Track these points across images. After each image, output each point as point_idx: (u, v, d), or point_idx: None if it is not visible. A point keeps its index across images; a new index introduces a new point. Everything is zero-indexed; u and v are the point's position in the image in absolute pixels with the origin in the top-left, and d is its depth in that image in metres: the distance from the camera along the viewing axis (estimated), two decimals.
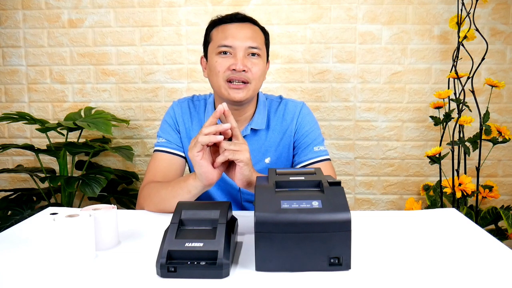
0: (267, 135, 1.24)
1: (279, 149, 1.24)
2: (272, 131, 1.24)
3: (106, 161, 2.08)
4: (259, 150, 1.23)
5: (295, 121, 1.25)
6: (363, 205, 2.04)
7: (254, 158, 1.22)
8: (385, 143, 1.99)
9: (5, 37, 2.02)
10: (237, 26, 1.17)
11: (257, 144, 1.23)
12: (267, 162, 1.23)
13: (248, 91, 1.15)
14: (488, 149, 1.90)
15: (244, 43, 1.14)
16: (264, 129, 1.23)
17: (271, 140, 1.24)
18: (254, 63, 1.15)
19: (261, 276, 0.72)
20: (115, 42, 1.99)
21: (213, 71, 1.16)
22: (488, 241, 0.88)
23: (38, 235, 0.94)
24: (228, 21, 1.18)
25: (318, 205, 0.73)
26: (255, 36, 1.17)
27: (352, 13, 1.92)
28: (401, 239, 0.89)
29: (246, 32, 1.15)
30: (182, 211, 0.80)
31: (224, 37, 1.15)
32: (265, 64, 1.21)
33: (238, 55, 1.14)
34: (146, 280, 0.71)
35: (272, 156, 1.24)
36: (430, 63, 1.93)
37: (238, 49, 1.14)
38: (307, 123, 1.26)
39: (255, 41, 1.15)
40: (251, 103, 1.23)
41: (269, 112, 1.26)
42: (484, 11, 1.88)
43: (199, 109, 1.28)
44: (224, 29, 1.16)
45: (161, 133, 1.26)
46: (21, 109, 2.05)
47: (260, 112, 1.24)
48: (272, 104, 1.28)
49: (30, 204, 1.78)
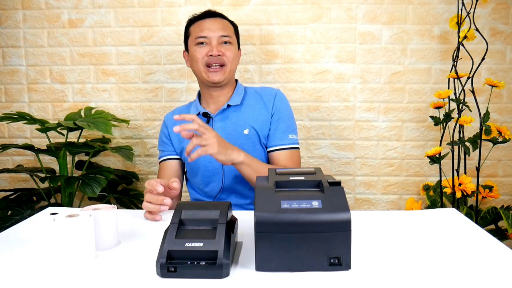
0: (243, 109, 1.42)
1: (256, 121, 1.40)
2: (247, 106, 1.43)
3: (106, 161, 2.08)
4: (238, 123, 1.40)
5: (272, 101, 1.43)
6: (363, 205, 2.04)
7: (234, 130, 1.39)
8: (385, 143, 1.99)
9: (5, 37, 2.02)
10: (210, 20, 1.40)
11: (235, 118, 1.41)
12: (246, 133, 1.39)
13: (225, 72, 1.38)
14: (488, 149, 1.90)
15: (217, 33, 1.38)
16: (239, 104, 1.42)
17: (247, 114, 1.41)
18: (227, 49, 1.38)
19: (261, 276, 0.72)
20: (115, 42, 1.99)
21: (193, 59, 1.40)
22: (488, 241, 0.88)
23: (38, 235, 0.94)
24: (203, 17, 1.42)
25: (318, 205, 0.73)
26: (226, 27, 1.41)
27: (352, 13, 1.92)
28: (401, 239, 0.89)
29: (218, 25, 1.40)
30: (182, 211, 0.80)
31: (200, 30, 1.39)
32: (236, 50, 1.44)
33: (213, 43, 1.37)
34: (146, 280, 0.71)
35: (250, 128, 1.39)
36: (430, 63, 1.93)
37: (213, 38, 1.38)
38: (285, 109, 1.44)
39: (226, 31, 1.40)
40: (230, 85, 1.45)
41: (245, 93, 1.47)
42: (484, 11, 1.88)
43: (186, 108, 1.53)
44: (200, 24, 1.41)
45: (158, 147, 1.53)
46: (21, 109, 2.05)
47: (237, 93, 1.45)
48: (250, 89, 1.50)
49: (30, 204, 1.78)
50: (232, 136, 1.38)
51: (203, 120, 1.40)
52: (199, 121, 1.11)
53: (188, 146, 1.10)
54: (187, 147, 1.10)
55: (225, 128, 1.40)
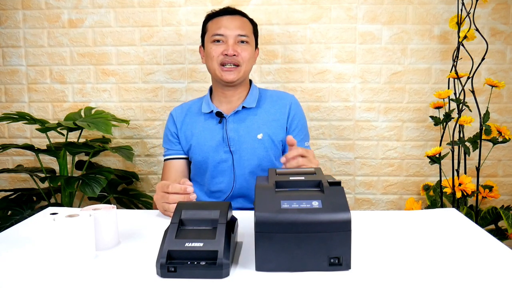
0: (258, 113, 1.40)
1: (271, 127, 1.39)
2: (262, 110, 1.41)
3: (106, 161, 2.08)
4: (252, 127, 1.38)
5: (287, 107, 1.41)
6: (363, 205, 2.04)
7: (248, 134, 1.37)
8: (385, 143, 1.99)
9: (5, 37, 2.02)
10: (228, 18, 1.37)
11: (250, 121, 1.39)
12: (260, 138, 1.37)
13: (239, 72, 1.36)
14: (488, 149, 1.90)
15: (234, 31, 1.35)
16: (254, 107, 1.40)
17: (262, 118, 1.40)
18: (243, 49, 1.36)
19: (261, 276, 0.72)
20: (115, 42, 1.99)
21: (208, 56, 1.37)
22: (488, 241, 0.88)
23: (38, 235, 0.94)
24: (221, 14, 1.39)
25: (318, 205, 0.73)
26: (244, 26, 1.37)
27: (352, 13, 1.92)
28: (401, 239, 0.89)
29: (236, 23, 1.36)
30: (182, 211, 0.80)
31: (218, 27, 1.36)
32: (253, 50, 1.42)
33: (229, 42, 1.34)
34: (146, 280, 0.71)
35: (263, 132, 1.38)
36: (430, 63, 1.93)
37: (229, 37, 1.35)
38: (301, 117, 1.44)
39: (243, 30, 1.36)
40: (244, 85, 1.43)
41: (260, 96, 1.45)
42: (484, 11, 1.88)
43: (195, 104, 1.48)
44: (218, 21, 1.37)
45: (163, 143, 1.49)
46: (21, 109, 2.05)
47: (252, 94, 1.43)
48: (264, 92, 1.48)
49: (30, 204, 1.78)
50: (245, 140, 1.36)
51: (215, 120, 1.39)
52: (298, 149, 1.09)
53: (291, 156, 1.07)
54: (290, 155, 1.06)
55: (238, 130, 1.38)
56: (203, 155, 1.38)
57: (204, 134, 1.39)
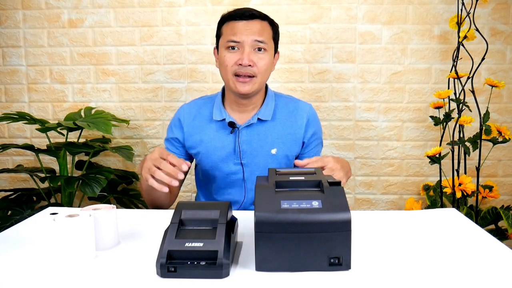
0: (273, 126, 1.31)
1: (286, 141, 1.31)
2: (278, 123, 1.31)
3: (106, 161, 2.08)
4: (266, 140, 1.30)
5: (305, 119, 1.33)
6: (363, 205, 2.04)
7: (261, 147, 1.29)
8: (385, 143, 1.99)
9: (5, 37, 2.02)
10: (245, 23, 1.23)
11: (264, 134, 1.30)
12: (273, 153, 1.30)
13: (254, 84, 1.24)
14: (488, 149, 1.90)
15: (250, 37, 1.22)
16: (270, 120, 1.31)
17: (278, 132, 1.31)
18: (260, 58, 1.23)
19: (261, 276, 0.72)
20: (115, 42, 1.99)
21: (222, 64, 1.26)
22: (488, 241, 0.88)
23: (38, 235, 0.94)
24: (238, 18, 1.24)
25: (318, 205, 0.73)
26: (262, 32, 1.24)
27: (352, 13, 1.92)
28: (401, 239, 0.89)
29: (253, 29, 1.22)
30: (182, 211, 0.80)
31: (233, 33, 1.23)
32: (272, 57, 1.29)
33: (245, 49, 1.22)
34: (146, 280, 0.71)
35: (278, 147, 1.30)
36: (430, 63, 1.93)
37: (245, 43, 1.22)
38: (318, 129, 1.37)
39: (261, 36, 1.23)
40: (259, 94, 1.31)
41: (276, 106, 1.34)
42: (484, 11, 1.88)
43: (205, 106, 1.36)
44: (233, 26, 1.24)
45: (165, 141, 1.40)
46: (21, 109, 2.05)
47: (267, 104, 1.32)
48: (280, 99, 1.36)
49: (30, 204, 1.78)
50: (258, 153, 1.29)
51: (227, 130, 1.30)
52: (313, 159, 1.08)
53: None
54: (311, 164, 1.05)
55: (251, 142, 1.29)
56: (211, 164, 1.32)
57: (213, 143, 1.30)
